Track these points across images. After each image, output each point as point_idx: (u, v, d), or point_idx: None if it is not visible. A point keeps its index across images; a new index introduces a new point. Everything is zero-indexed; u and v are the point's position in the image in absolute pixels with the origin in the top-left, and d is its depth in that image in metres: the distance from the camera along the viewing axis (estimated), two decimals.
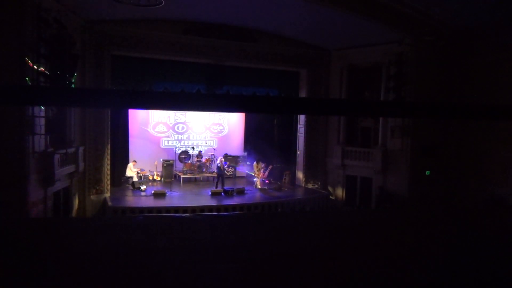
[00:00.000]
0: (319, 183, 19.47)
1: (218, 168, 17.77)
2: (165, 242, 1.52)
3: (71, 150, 13.41)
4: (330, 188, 19.22)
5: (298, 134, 19.98)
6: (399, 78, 16.17)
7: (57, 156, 12.10)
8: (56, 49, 11.93)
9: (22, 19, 10.45)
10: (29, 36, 10.70)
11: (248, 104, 1.62)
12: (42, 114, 11.61)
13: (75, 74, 13.09)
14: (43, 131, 11.61)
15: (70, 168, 13.40)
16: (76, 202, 14.62)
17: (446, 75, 15.77)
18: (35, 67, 10.96)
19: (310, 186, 19.49)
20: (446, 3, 13.38)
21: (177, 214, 1.91)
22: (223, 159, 18.51)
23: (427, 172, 15.81)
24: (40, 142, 11.46)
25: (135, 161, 17.70)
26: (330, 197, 18.77)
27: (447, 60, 15.73)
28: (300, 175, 19.85)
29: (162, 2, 12.12)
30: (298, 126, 19.90)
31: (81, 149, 14.27)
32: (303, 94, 19.51)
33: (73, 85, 12.82)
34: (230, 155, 20.72)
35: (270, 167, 18.79)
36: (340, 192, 18.82)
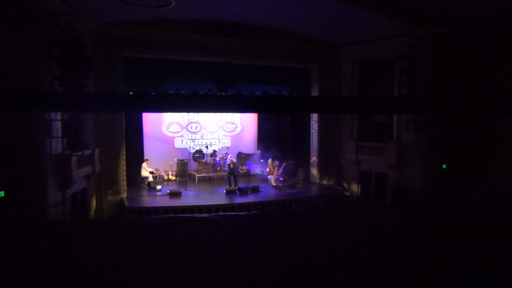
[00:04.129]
0: (334, 179, 19.36)
1: (229, 166, 17.84)
2: (186, 243, 1.54)
3: (87, 152, 13.61)
4: (344, 184, 19.10)
5: (312, 131, 19.90)
6: (411, 71, 15.94)
7: (74, 158, 12.30)
8: (68, 53, 12.11)
9: (35, 24, 10.63)
10: (42, 40, 10.89)
11: (260, 104, 1.63)
12: (59, 117, 11.82)
13: (88, 77, 13.29)
14: (60, 134, 11.82)
15: (86, 170, 13.60)
16: (93, 203, 14.85)
17: (459, 68, 15.48)
18: (49, 71, 11.16)
19: (324, 182, 19.40)
20: None
21: (196, 215, 1.93)
22: (233, 158, 18.57)
23: (444, 166, 15.56)
24: (57, 145, 11.68)
25: (147, 159, 17.90)
26: (345, 193, 18.65)
27: (460, 53, 15.43)
28: (314, 171, 19.78)
29: (172, 3, 12.19)
30: (311, 122, 19.81)
31: (97, 150, 14.46)
32: (314, 90, 19.41)
33: (86, 89, 13.02)
34: (243, 153, 20.78)
35: (284, 164, 18.78)
36: (355, 188, 18.69)
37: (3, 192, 9.91)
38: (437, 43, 15.20)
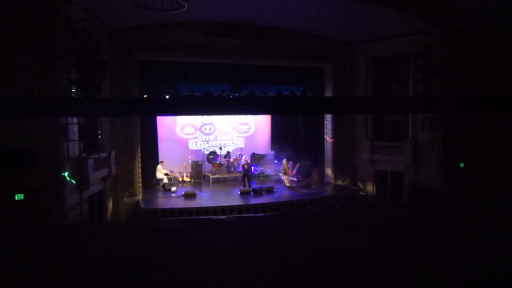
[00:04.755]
0: (349, 179, 19.21)
1: (243, 167, 17.87)
2: (205, 245, 1.56)
3: (103, 155, 13.81)
4: (359, 184, 18.93)
5: (325, 131, 19.78)
6: (427, 69, 15.71)
7: (90, 161, 12.49)
8: (84, 57, 12.32)
9: (52, 30, 10.85)
10: (59, 46, 11.11)
11: (273, 105, 1.63)
12: (75, 121, 12.03)
13: (103, 81, 13.49)
14: (76, 138, 12.04)
15: (103, 172, 13.79)
16: (110, 205, 15.05)
17: (476, 65, 15.16)
18: (66, 75, 11.38)
19: (339, 182, 19.27)
20: None
21: (213, 217, 1.94)
22: (247, 159, 18.60)
23: (461, 165, 15.28)
24: (74, 148, 11.88)
25: (162, 161, 18.06)
26: (360, 193, 18.49)
27: (477, 49, 15.12)
28: (329, 171, 19.66)
29: (185, 6, 12.27)
30: (325, 122, 19.70)
31: (113, 153, 14.65)
32: (328, 90, 19.29)
33: (102, 92, 13.22)
34: (257, 154, 20.78)
35: (298, 164, 18.71)
36: (370, 187, 18.51)
37: (22, 194, 10.14)
38: (453, 39, 14.94)
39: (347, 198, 17.39)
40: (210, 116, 20.35)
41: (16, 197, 10.06)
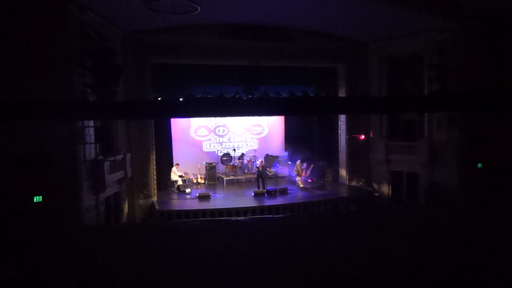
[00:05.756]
0: (363, 180, 19.02)
1: (257, 169, 17.88)
2: (222, 246, 1.56)
3: (119, 157, 13.97)
4: (374, 185, 18.73)
5: (339, 131, 19.64)
6: (442, 67, 15.44)
7: (106, 164, 12.65)
8: (99, 61, 12.50)
9: (67, 34, 11.05)
10: (74, 50, 11.30)
11: (286, 106, 1.62)
12: (92, 124, 12.21)
13: (118, 84, 13.66)
14: (93, 140, 12.21)
15: (119, 175, 13.96)
16: (125, 206, 15.22)
17: (492, 62, 14.83)
18: (82, 79, 11.57)
19: (354, 183, 19.09)
20: None
21: (233, 218, 1.94)
22: (263, 162, 18.61)
23: (479, 165, 14.96)
24: (90, 150, 12.06)
25: (177, 164, 18.19)
26: (375, 194, 18.28)
27: (494, 46, 14.79)
28: (343, 172, 19.51)
29: (198, 9, 12.35)
30: (339, 122, 19.55)
31: (128, 155, 14.81)
32: (341, 89, 19.15)
33: (117, 95, 13.38)
34: (271, 156, 20.76)
35: (312, 165, 18.61)
36: (385, 188, 18.29)
37: (40, 196, 10.34)
38: (468, 36, 14.65)
39: (362, 199, 17.22)
40: (224, 118, 20.45)
41: (35, 199, 10.27)
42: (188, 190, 17.16)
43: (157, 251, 1.62)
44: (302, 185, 18.05)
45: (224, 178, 19.07)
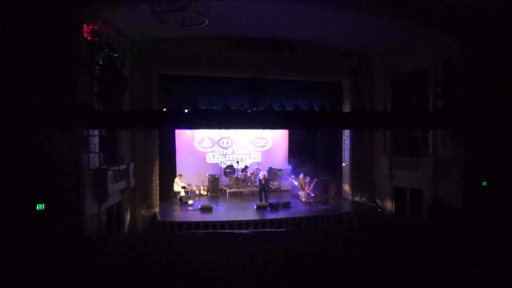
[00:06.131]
0: (367, 196, 18.90)
1: (260, 182, 17.83)
2: (223, 257, 1.55)
3: (122, 167, 13.99)
4: (378, 201, 18.59)
5: (344, 146, 19.61)
6: (448, 84, 15.45)
7: (110, 173, 12.65)
8: (107, 70, 12.61)
9: (76, 43, 11.18)
10: (82, 58, 11.41)
11: (291, 120, 1.63)
12: (96, 132, 12.25)
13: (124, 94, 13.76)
14: (97, 149, 12.24)
15: (122, 184, 13.94)
16: (127, 216, 15.17)
17: (499, 80, 14.80)
18: (89, 88, 11.66)
19: (357, 198, 18.97)
20: (497, 1, 12.61)
21: (235, 231, 1.92)
22: (265, 174, 18.58)
23: (484, 183, 14.83)
24: (94, 159, 12.08)
25: (180, 175, 18.17)
26: (378, 209, 18.14)
27: (500, 65, 14.79)
28: (346, 187, 19.41)
29: (206, 21, 12.48)
30: (343, 137, 19.54)
31: (131, 165, 14.81)
32: (346, 104, 19.19)
33: (123, 105, 13.47)
34: (274, 169, 20.72)
35: (315, 180, 18.54)
36: (389, 204, 18.14)
37: (43, 204, 10.33)
38: (475, 54, 14.68)
39: (365, 215, 17.08)
40: (228, 130, 20.50)
41: (37, 207, 10.26)
42: (190, 202, 17.12)
43: (159, 262, 1.61)
44: (305, 199, 17.96)
45: (227, 190, 19.03)
